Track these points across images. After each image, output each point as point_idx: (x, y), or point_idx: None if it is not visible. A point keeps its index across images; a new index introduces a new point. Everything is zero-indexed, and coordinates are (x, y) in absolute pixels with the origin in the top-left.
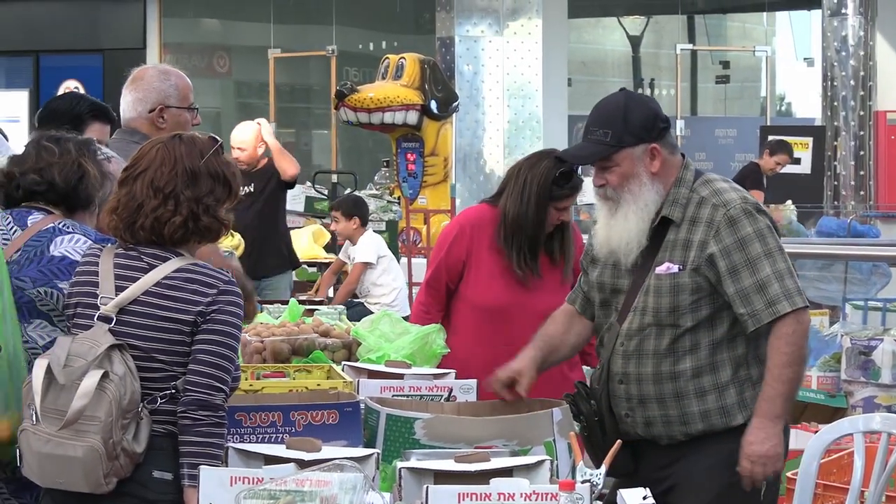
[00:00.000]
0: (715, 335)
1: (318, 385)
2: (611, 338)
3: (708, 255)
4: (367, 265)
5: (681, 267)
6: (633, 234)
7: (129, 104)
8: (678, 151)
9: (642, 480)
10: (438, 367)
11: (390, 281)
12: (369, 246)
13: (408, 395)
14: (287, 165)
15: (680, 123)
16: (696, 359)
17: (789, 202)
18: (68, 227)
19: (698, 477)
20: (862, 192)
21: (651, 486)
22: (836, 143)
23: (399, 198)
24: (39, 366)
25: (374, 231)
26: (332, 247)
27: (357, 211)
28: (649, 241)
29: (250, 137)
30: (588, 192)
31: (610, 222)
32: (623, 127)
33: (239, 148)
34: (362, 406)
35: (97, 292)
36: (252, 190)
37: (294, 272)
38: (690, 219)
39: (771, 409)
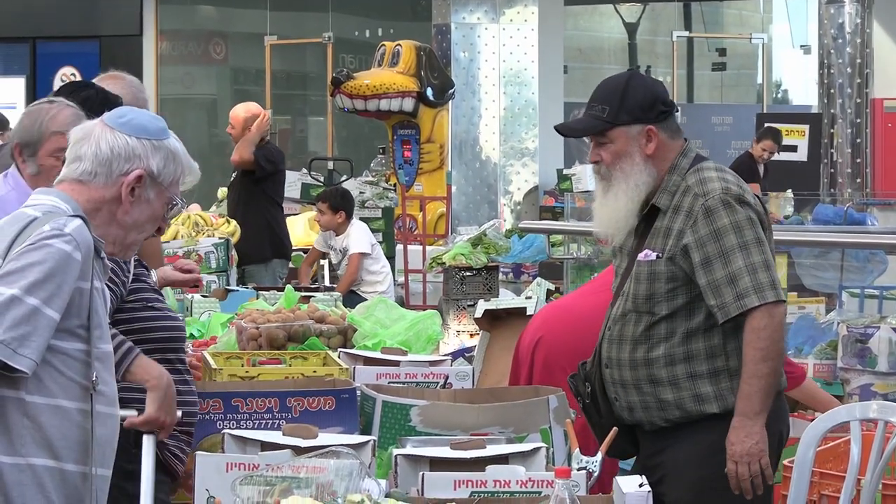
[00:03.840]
0: (691, 324)
1: (315, 372)
2: (604, 321)
3: (683, 245)
4: (363, 255)
5: (659, 254)
6: (622, 213)
7: None
8: (680, 138)
9: (639, 467)
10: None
11: (380, 269)
12: (362, 235)
13: (404, 382)
14: (237, 152)
15: None
16: (670, 346)
17: (789, 192)
18: None
19: (680, 469)
20: (859, 180)
21: (646, 473)
22: (832, 130)
23: (395, 185)
24: None
25: (360, 219)
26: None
27: (344, 205)
28: (643, 226)
29: (240, 116)
30: (585, 178)
31: (603, 202)
32: (620, 104)
33: (231, 123)
34: (358, 393)
35: None
36: (233, 178)
37: (279, 262)
38: (674, 207)
39: (748, 406)
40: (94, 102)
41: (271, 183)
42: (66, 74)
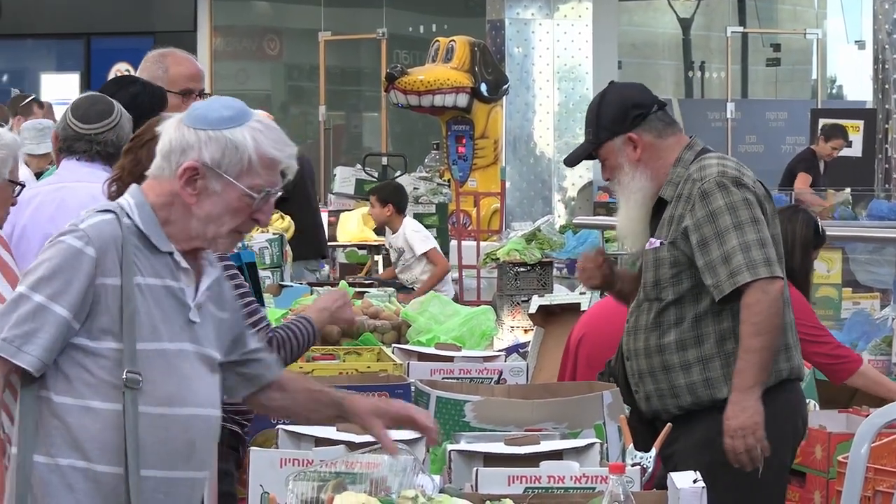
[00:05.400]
0: (699, 308)
1: (369, 367)
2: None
3: (683, 228)
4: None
5: (662, 241)
6: (628, 220)
7: None
8: (671, 132)
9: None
10: None
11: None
12: (420, 233)
13: (458, 378)
14: None
15: (730, 106)
16: (680, 332)
17: (847, 190)
18: None
19: (687, 454)
20: None
21: (663, 464)
22: (887, 126)
23: (449, 180)
24: None
25: (414, 215)
26: (382, 229)
27: (393, 198)
28: (655, 222)
29: None
30: None
31: (619, 213)
32: (597, 123)
33: None
34: (412, 388)
35: None
36: None
37: (308, 261)
38: (678, 196)
39: (742, 381)
40: (144, 98)
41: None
42: (121, 70)
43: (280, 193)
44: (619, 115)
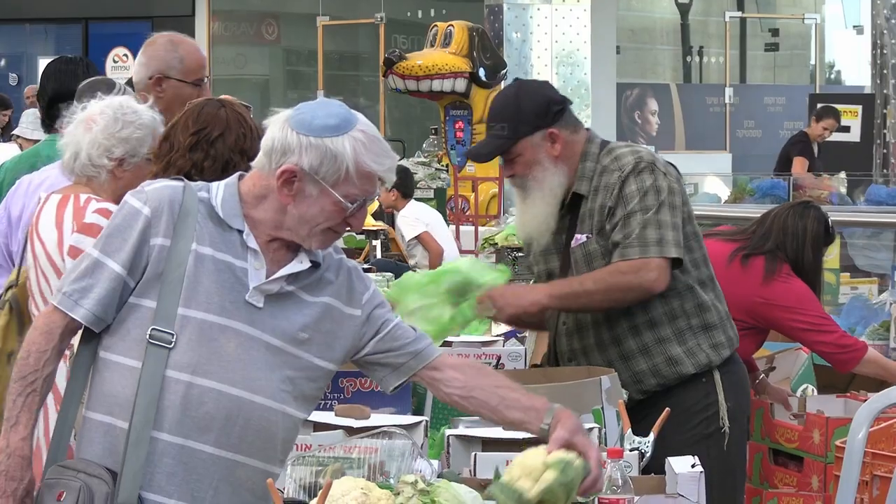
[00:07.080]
0: None
1: None
2: (552, 318)
3: (608, 216)
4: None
5: (589, 235)
6: (542, 217)
7: (135, 68)
8: (581, 128)
9: None
10: None
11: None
12: (409, 217)
13: None
14: None
15: (729, 91)
16: (630, 318)
17: (842, 173)
18: None
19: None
20: None
21: None
22: (885, 111)
23: (447, 165)
24: None
25: (416, 200)
26: (381, 214)
27: (397, 182)
28: (568, 219)
29: None
30: None
31: (522, 208)
32: (517, 117)
33: None
34: None
35: None
36: None
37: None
38: (594, 188)
39: (554, 290)
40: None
41: None
42: (119, 55)
43: (375, 199)
44: (541, 110)
